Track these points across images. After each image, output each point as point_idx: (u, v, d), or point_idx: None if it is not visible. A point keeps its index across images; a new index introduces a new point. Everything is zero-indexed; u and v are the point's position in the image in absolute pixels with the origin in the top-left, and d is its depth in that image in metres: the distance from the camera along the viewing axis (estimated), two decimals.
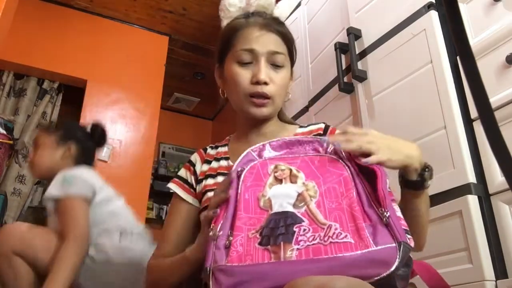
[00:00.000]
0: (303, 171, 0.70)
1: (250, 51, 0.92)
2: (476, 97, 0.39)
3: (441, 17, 1.43)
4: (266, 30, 0.94)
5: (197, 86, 4.53)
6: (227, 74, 0.95)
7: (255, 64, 0.92)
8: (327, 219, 0.63)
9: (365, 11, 1.78)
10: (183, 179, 1.00)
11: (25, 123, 3.42)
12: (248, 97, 0.92)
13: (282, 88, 0.94)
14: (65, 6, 3.56)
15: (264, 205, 0.67)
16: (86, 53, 3.52)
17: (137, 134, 3.53)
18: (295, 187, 0.68)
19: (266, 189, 0.69)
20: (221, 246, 0.65)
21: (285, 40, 0.97)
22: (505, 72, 1.21)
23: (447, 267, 1.19)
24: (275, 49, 0.93)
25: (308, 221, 0.63)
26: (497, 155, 0.39)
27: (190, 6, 3.56)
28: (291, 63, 0.99)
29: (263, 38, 0.93)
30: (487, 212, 1.18)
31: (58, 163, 1.54)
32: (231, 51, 0.95)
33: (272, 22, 0.96)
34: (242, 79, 0.92)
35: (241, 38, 0.94)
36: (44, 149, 1.56)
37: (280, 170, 0.71)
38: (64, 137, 1.59)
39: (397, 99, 1.52)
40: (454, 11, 0.39)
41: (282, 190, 0.68)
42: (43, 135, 1.61)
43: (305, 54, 2.18)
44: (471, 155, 1.24)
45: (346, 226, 0.62)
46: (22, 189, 3.26)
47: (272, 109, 0.94)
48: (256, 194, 0.69)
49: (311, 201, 0.65)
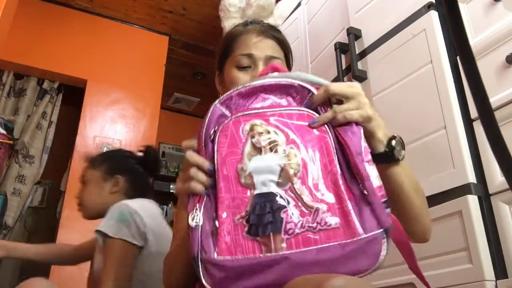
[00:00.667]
0: (282, 131, 0.64)
1: (249, 56, 0.96)
2: (476, 97, 0.39)
3: (441, 17, 1.43)
4: (264, 36, 0.98)
5: (197, 86, 4.53)
6: (227, 79, 0.99)
7: (253, 69, 0.95)
8: (313, 200, 0.61)
9: (365, 11, 1.78)
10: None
11: (25, 123, 3.42)
12: None
13: None
14: (65, 6, 3.56)
15: (245, 182, 0.63)
16: (86, 53, 3.52)
17: (137, 134, 3.53)
18: (277, 158, 0.63)
19: (245, 160, 0.64)
20: (208, 233, 0.62)
21: (282, 46, 1.00)
22: (505, 72, 1.21)
23: (447, 267, 1.19)
24: (272, 54, 0.97)
25: (293, 202, 0.61)
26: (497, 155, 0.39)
27: (190, 6, 3.56)
28: (287, 69, 1.03)
29: (261, 44, 0.96)
30: (487, 212, 1.18)
31: (107, 199, 1.41)
32: (231, 57, 0.98)
33: (269, 29, 1.00)
34: (241, 82, 0.95)
35: (240, 44, 0.98)
36: (91, 186, 1.45)
37: (257, 134, 0.64)
38: (111, 170, 1.46)
39: (397, 99, 1.52)
40: (454, 11, 0.39)
41: (263, 164, 0.63)
42: (89, 170, 1.48)
43: (305, 54, 2.18)
44: (471, 155, 1.24)
45: (333, 209, 0.61)
46: (22, 189, 3.26)
47: None
48: (234, 166, 0.64)
49: (295, 178, 0.62)
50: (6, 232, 3.11)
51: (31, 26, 3.37)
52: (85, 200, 1.45)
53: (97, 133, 3.39)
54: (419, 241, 0.83)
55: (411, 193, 0.76)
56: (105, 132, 3.43)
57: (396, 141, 0.74)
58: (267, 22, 1.06)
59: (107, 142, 3.36)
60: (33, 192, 3.38)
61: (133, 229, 1.28)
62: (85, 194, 1.45)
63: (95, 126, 3.41)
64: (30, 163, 3.35)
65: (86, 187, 1.46)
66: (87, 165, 1.50)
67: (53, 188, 3.63)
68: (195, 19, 3.70)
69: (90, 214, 1.46)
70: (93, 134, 3.37)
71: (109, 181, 1.45)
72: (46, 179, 3.54)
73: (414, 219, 0.78)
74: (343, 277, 0.54)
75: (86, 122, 3.39)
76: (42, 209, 3.56)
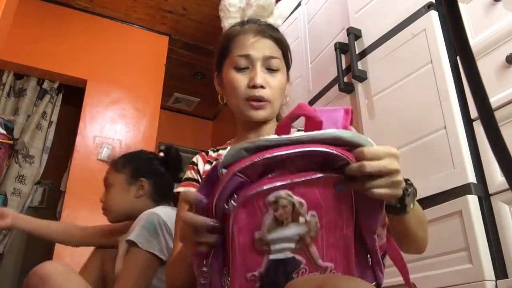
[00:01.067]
0: (306, 199, 0.60)
1: (246, 56, 0.95)
2: (476, 97, 0.39)
3: (441, 17, 1.43)
4: (261, 36, 0.97)
5: (197, 86, 4.53)
6: (225, 80, 0.99)
7: (251, 69, 0.95)
8: (324, 260, 0.61)
9: (365, 11, 1.78)
10: (191, 179, 1.00)
11: (25, 123, 3.42)
12: (245, 100, 0.95)
13: (278, 92, 0.97)
14: (65, 6, 3.56)
15: (261, 248, 0.60)
16: (86, 53, 3.52)
17: (137, 134, 3.53)
18: (297, 228, 0.60)
19: (263, 231, 0.59)
20: (218, 285, 0.62)
21: (280, 45, 1.00)
22: (505, 72, 1.21)
23: (447, 267, 1.19)
24: (270, 53, 0.96)
25: (305, 261, 0.61)
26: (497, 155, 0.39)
27: (190, 6, 3.56)
28: (286, 67, 1.02)
29: (258, 44, 0.96)
30: (487, 212, 1.18)
31: (133, 203, 1.40)
32: (228, 58, 0.98)
33: (267, 28, 1.00)
34: (239, 83, 0.95)
35: (237, 45, 0.97)
36: (115, 190, 1.42)
37: (282, 208, 0.59)
38: (135, 173, 1.44)
39: (397, 99, 1.52)
40: (454, 11, 0.39)
41: (283, 234, 0.60)
42: (112, 174, 1.45)
43: (305, 54, 2.18)
44: (471, 155, 1.24)
45: (340, 267, 0.62)
46: (22, 189, 3.26)
47: (269, 112, 0.96)
48: (251, 234, 0.60)
49: (311, 243, 0.61)
50: (6, 232, 3.11)
51: (31, 26, 3.37)
52: (110, 205, 1.43)
53: (97, 133, 3.39)
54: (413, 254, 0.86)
55: (416, 231, 0.76)
56: (105, 132, 3.42)
57: (410, 193, 0.70)
58: (265, 21, 1.05)
59: (107, 142, 3.36)
60: (33, 192, 3.38)
61: (162, 243, 1.26)
62: (110, 199, 1.43)
63: (95, 126, 3.41)
64: (30, 163, 3.35)
65: (110, 191, 1.44)
66: (110, 168, 1.47)
67: (53, 188, 3.63)
68: (195, 19, 3.70)
69: (116, 218, 1.44)
70: (93, 134, 3.37)
71: (134, 184, 1.44)
72: (46, 179, 3.54)
73: (413, 247, 0.82)
74: (343, 278, 0.54)
75: (86, 122, 3.39)
76: (42, 209, 3.56)
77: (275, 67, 0.97)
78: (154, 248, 1.25)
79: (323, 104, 1.94)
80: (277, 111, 1.01)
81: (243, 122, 1.02)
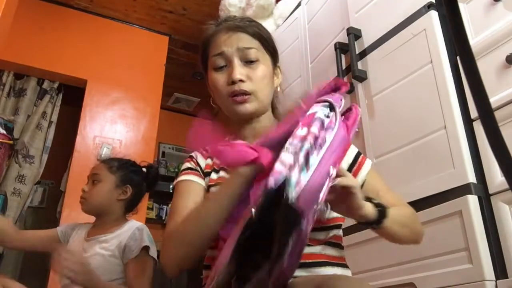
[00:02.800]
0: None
1: (220, 54, 0.95)
2: (476, 97, 0.39)
3: (441, 17, 1.43)
4: (232, 31, 0.96)
5: (197, 86, 4.53)
6: (209, 83, 0.99)
7: (229, 66, 0.95)
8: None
9: (365, 11, 1.78)
10: (192, 169, 0.98)
11: (25, 123, 3.42)
12: (228, 98, 0.94)
13: (261, 83, 0.95)
14: (65, 6, 3.56)
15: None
16: (86, 53, 3.52)
17: (137, 134, 3.53)
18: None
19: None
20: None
21: (255, 36, 0.97)
22: (505, 72, 1.21)
23: (447, 267, 1.19)
24: (243, 45, 0.95)
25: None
26: (497, 155, 0.39)
27: (190, 6, 3.56)
28: (271, 57, 1.00)
29: (231, 39, 0.95)
30: (487, 212, 1.18)
31: (112, 204, 1.53)
32: (208, 60, 0.98)
33: (239, 23, 0.98)
34: (219, 83, 0.95)
35: (212, 45, 0.97)
36: (102, 187, 1.52)
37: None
38: (125, 179, 1.56)
39: (397, 99, 1.52)
40: (454, 11, 0.39)
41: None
42: (105, 172, 1.55)
43: (305, 54, 2.18)
44: (471, 155, 1.24)
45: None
46: (22, 189, 3.26)
47: (256, 104, 0.94)
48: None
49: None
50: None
51: (31, 26, 3.37)
52: (92, 198, 1.51)
53: (97, 133, 3.39)
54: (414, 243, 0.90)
55: (401, 232, 0.83)
56: (105, 132, 3.42)
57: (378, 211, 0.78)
58: (243, 16, 1.05)
59: (107, 142, 3.36)
60: (33, 192, 3.38)
61: (155, 248, 1.46)
62: (95, 193, 1.52)
63: (95, 126, 3.41)
64: (30, 163, 3.35)
65: (98, 185, 1.52)
66: (103, 166, 1.57)
67: (53, 188, 3.64)
68: (195, 19, 3.70)
69: (91, 210, 1.54)
70: (93, 134, 3.37)
71: (120, 188, 1.54)
72: (46, 179, 3.54)
73: (404, 242, 0.87)
74: (343, 278, 0.55)
75: (86, 122, 3.39)
76: (42, 209, 3.57)
77: (253, 58, 0.95)
78: (155, 254, 1.45)
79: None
80: (266, 102, 0.98)
81: (235, 119, 1.00)
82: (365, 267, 1.43)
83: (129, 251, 1.41)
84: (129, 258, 1.41)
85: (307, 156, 0.62)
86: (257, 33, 0.98)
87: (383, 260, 1.37)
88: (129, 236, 1.44)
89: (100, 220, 1.54)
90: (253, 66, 0.95)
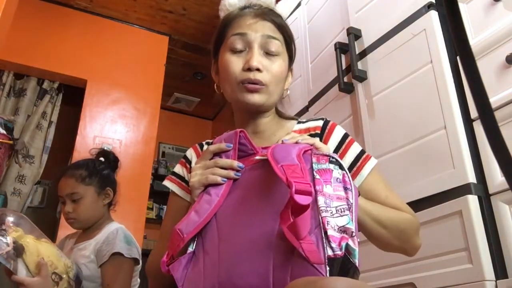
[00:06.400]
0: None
1: (242, 35, 0.88)
2: (476, 97, 0.39)
3: (441, 17, 1.43)
4: (261, 18, 0.90)
5: (197, 86, 4.53)
6: (221, 65, 0.91)
7: (248, 52, 0.88)
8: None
9: (365, 11, 1.78)
10: (179, 176, 0.97)
11: (25, 123, 3.42)
12: (240, 84, 0.86)
13: (277, 78, 0.88)
14: (65, 6, 3.56)
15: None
16: (86, 53, 3.52)
17: (137, 134, 3.53)
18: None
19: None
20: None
21: (281, 29, 0.92)
22: (505, 72, 1.21)
23: (447, 267, 1.19)
24: (269, 33, 0.89)
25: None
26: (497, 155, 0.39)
27: (190, 6, 3.56)
28: (289, 57, 0.95)
29: (257, 25, 0.89)
30: (487, 212, 1.18)
31: (101, 211, 1.52)
32: (224, 41, 0.91)
33: (268, 12, 0.92)
34: (234, 66, 0.87)
35: (235, 25, 0.90)
36: (86, 202, 1.48)
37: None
38: (102, 184, 1.54)
39: (397, 99, 1.52)
40: (454, 11, 0.39)
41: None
42: (81, 187, 1.48)
43: (305, 54, 2.18)
44: (471, 155, 1.24)
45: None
46: (22, 189, 3.26)
47: (266, 98, 0.87)
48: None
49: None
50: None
51: (31, 26, 3.37)
52: (81, 216, 1.47)
53: (97, 133, 3.39)
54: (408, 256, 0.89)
55: (375, 230, 0.80)
56: (105, 132, 3.42)
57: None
58: (269, 6, 0.96)
59: (107, 142, 3.36)
60: (33, 192, 3.38)
61: (138, 248, 1.47)
62: (81, 211, 1.47)
63: (95, 126, 3.41)
64: (30, 163, 3.35)
65: (81, 203, 1.47)
66: (76, 182, 1.48)
67: (53, 188, 3.62)
68: (195, 19, 3.70)
69: (84, 226, 1.52)
70: (93, 134, 3.37)
71: (102, 194, 1.53)
72: (46, 179, 3.54)
73: (384, 246, 0.85)
74: (343, 279, 0.55)
75: (86, 122, 3.39)
76: (42, 209, 3.56)
77: (274, 51, 0.88)
78: (135, 254, 1.44)
79: (323, 104, 1.94)
80: (274, 100, 0.91)
81: (239, 113, 0.95)
82: (365, 267, 1.43)
83: (101, 256, 1.40)
84: (101, 262, 1.39)
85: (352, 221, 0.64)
86: (283, 28, 0.92)
87: (383, 260, 1.37)
88: (103, 240, 1.42)
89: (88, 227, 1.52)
90: (272, 59, 0.88)
